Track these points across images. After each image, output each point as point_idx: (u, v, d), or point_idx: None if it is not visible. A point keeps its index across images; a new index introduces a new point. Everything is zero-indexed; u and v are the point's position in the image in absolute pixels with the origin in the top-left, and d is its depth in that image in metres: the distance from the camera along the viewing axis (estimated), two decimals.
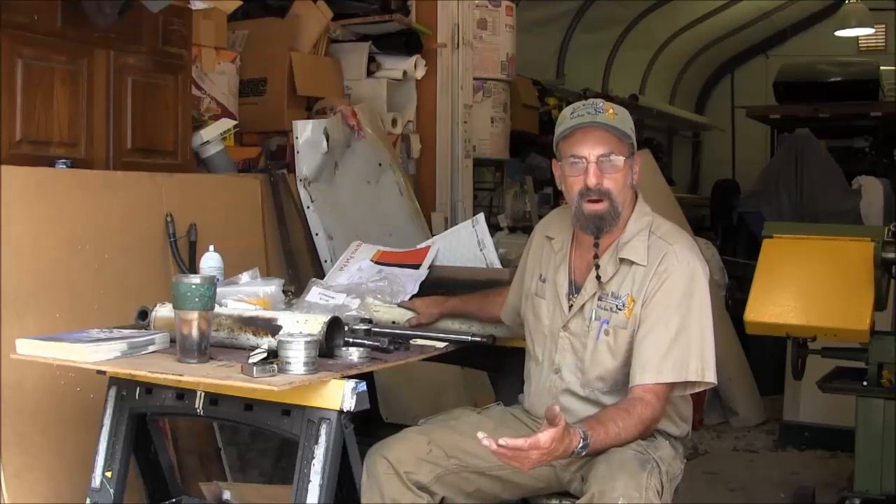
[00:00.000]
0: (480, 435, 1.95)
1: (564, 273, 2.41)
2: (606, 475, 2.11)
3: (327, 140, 4.01)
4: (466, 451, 2.33)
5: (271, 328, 2.29)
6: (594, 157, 2.26)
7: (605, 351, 2.31)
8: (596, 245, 2.33)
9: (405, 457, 2.29)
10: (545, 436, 1.96)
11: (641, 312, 2.26)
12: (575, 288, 2.38)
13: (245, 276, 2.76)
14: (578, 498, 2.26)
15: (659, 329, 2.23)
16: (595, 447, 2.10)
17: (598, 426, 2.11)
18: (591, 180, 2.26)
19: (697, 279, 2.27)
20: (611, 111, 2.28)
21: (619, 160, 2.27)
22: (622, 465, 2.12)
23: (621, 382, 2.30)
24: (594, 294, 2.33)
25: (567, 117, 2.31)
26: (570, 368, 2.37)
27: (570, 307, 2.37)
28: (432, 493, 2.31)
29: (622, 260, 2.31)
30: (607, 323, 2.30)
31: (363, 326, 2.47)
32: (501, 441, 1.94)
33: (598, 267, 2.32)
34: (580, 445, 2.05)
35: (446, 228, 4.41)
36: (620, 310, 2.29)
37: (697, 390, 2.31)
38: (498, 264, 3.30)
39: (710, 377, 2.25)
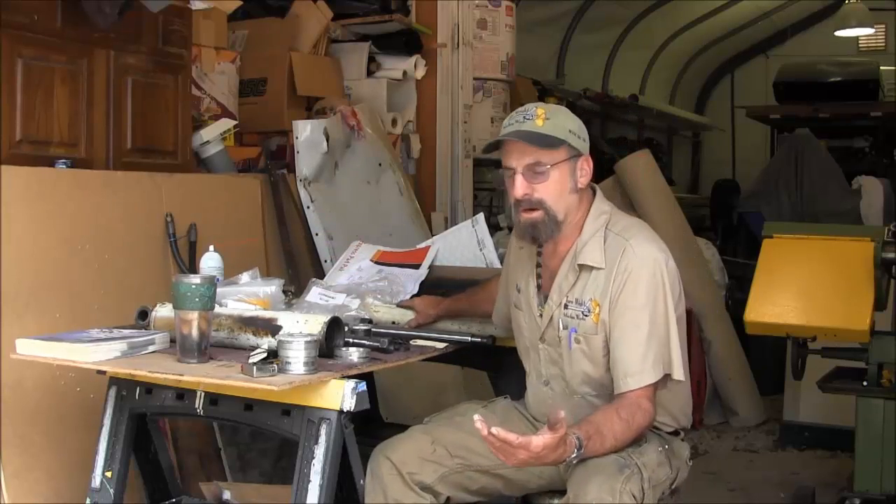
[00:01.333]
0: (476, 417, 1.93)
1: (533, 283, 2.39)
2: (582, 478, 2.10)
3: (327, 140, 4.01)
4: (470, 450, 2.33)
5: (271, 328, 2.29)
6: (521, 167, 2.22)
7: (581, 358, 2.29)
8: (539, 254, 2.33)
9: (408, 457, 2.30)
10: (538, 440, 1.94)
11: (611, 317, 2.23)
12: (543, 298, 2.36)
13: (245, 276, 2.77)
14: None
15: (631, 331, 2.20)
16: (588, 455, 2.09)
17: (596, 437, 2.09)
18: (518, 192, 2.22)
19: (658, 272, 2.23)
20: (541, 117, 2.21)
21: (546, 168, 2.21)
22: (598, 468, 2.11)
23: (608, 387, 2.27)
24: (560, 303, 2.30)
25: (503, 126, 2.27)
26: (556, 379, 2.36)
27: (541, 317, 2.35)
28: (436, 492, 2.32)
29: (581, 266, 2.27)
30: (575, 331, 2.27)
31: (363, 326, 2.47)
32: (494, 430, 1.92)
33: (538, 276, 2.34)
34: (573, 456, 2.04)
35: (446, 228, 4.41)
36: (587, 315, 2.25)
37: (664, 387, 2.28)
38: (498, 264, 3.30)
39: (680, 374, 2.23)
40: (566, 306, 2.29)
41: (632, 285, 2.21)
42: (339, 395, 2.08)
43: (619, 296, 2.22)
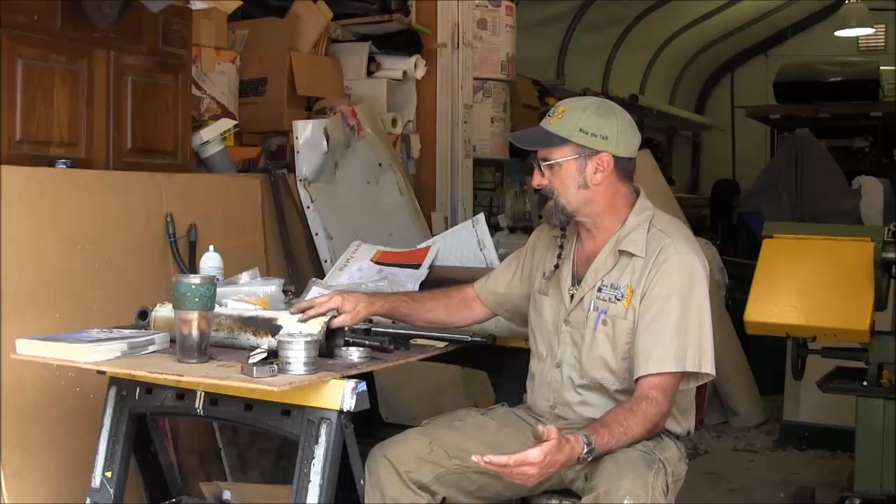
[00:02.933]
0: (475, 458, 1.98)
1: (568, 268, 2.44)
2: (613, 474, 2.11)
3: (327, 140, 4.01)
4: (469, 452, 2.31)
5: (271, 328, 2.29)
6: (538, 160, 2.37)
7: (603, 340, 2.32)
8: (563, 237, 2.46)
9: (406, 456, 2.31)
10: (535, 451, 1.97)
11: (641, 305, 2.28)
12: (576, 281, 2.41)
13: (245, 276, 2.76)
14: (579, 496, 2.27)
15: (660, 320, 2.25)
16: (601, 450, 2.10)
17: (602, 429, 2.12)
18: (534, 182, 2.39)
19: (696, 272, 2.29)
20: (557, 115, 2.34)
21: (555, 163, 2.33)
22: (629, 464, 2.13)
23: (623, 377, 2.31)
24: (594, 286, 2.36)
25: None
26: (569, 361, 2.38)
27: (571, 299, 2.39)
28: (433, 492, 2.32)
29: (622, 252, 2.34)
30: (605, 313, 2.32)
31: (363, 326, 2.47)
32: (486, 458, 1.97)
33: (559, 257, 2.44)
34: (584, 451, 2.05)
35: (446, 228, 4.41)
36: (619, 300, 2.31)
37: (697, 384, 2.32)
38: (498, 264, 3.30)
39: (708, 368, 2.26)
40: (600, 289, 2.35)
41: (667, 277, 2.27)
42: (339, 395, 2.07)
43: (652, 286, 2.28)
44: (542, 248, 2.58)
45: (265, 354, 2.12)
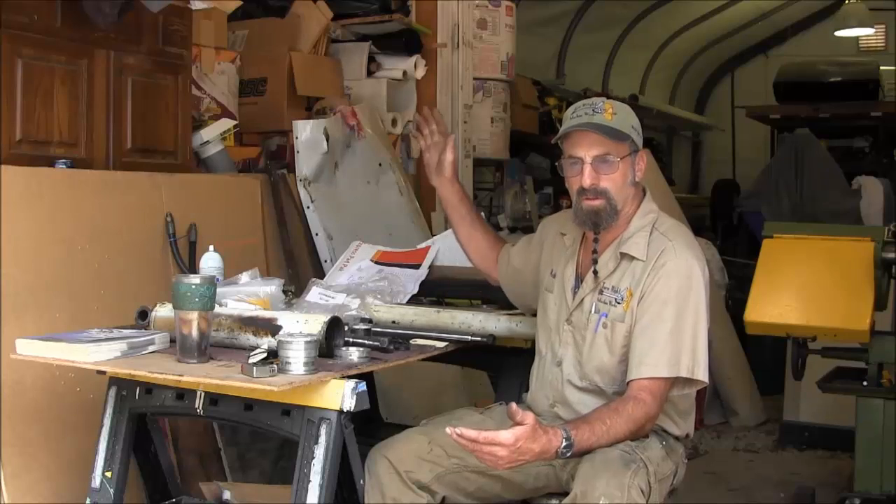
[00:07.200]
0: (447, 429, 1.98)
1: (572, 268, 2.45)
2: (589, 474, 2.12)
3: (327, 140, 4.01)
4: (467, 451, 2.33)
5: (271, 328, 2.29)
6: (590, 158, 2.30)
7: (602, 344, 2.33)
8: (595, 241, 2.37)
9: (405, 456, 2.31)
10: (506, 434, 1.98)
11: (638, 308, 2.28)
12: (580, 282, 2.42)
13: (245, 276, 2.77)
14: None
15: (655, 325, 2.25)
16: (581, 446, 2.11)
17: (584, 425, 2.13)
18: (586, 181, 2.31)
19: (694, 277, 2.29)
20: (609, 111, 2.31)
21: (615, 160, 2.30)
22: (605, 464, 2.13)
23: (619, 380, 2.31)
24: (594, 288, 2.36)
25: (568, 117, 2.36)
26: (570, 361, 2.39)
27: (574, 298, 2.40)
28: (433, 492, 2.33)
29: (623, 255, 2.34)
30: (605, 316, 2.33)
31: (363, 326, 2.47)
32: (458, 430, 1.97)
33: (595, 262, 2.36)
34: (563, 445, 2.06)
35: (446, 228, 4.40)
36: (619, 303, 2.31)
37: (690, 390, 2.32)
38: None
39: (701, 375, 2.26)
40: (601, 292, 2.35)
41: (665, 281, 2.27)
42: (339, 395, 2.08)
43: (651, 289, 2.28)
44: (550, 243, 2.58)
45: (265, 354, 2.12)
